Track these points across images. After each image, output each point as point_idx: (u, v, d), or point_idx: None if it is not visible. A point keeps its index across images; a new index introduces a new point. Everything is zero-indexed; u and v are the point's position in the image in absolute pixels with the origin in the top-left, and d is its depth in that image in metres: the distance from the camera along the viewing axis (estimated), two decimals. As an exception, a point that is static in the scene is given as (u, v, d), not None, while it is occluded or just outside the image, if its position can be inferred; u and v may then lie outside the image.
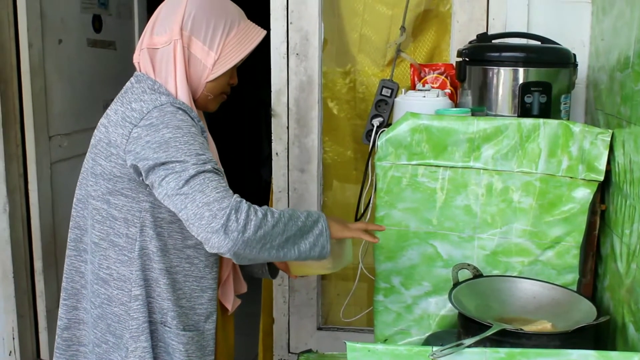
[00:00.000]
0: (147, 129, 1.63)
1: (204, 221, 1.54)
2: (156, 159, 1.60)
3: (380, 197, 2.11)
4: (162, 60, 1.74)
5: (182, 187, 1.57)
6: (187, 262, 1.76)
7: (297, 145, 2.94)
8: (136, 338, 1.74)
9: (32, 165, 3.14)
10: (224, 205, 1.55)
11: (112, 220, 1.73)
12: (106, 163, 1.70)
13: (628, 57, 1.85)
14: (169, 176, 1.59)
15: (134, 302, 1.74)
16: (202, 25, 1.73)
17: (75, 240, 1.83)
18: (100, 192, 1.73)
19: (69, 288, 1.85)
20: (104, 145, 1.71)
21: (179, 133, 1.62)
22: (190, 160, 1.59)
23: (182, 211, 1.57)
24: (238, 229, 1.54)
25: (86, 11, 3.51)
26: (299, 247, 1.66)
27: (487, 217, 2.04)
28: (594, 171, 1.95)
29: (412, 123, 2.04)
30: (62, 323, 1.87)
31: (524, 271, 2.03)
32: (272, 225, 1.61)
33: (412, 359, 1.53)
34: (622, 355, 1.52)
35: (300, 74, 2.89)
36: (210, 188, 1.57)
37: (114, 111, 1.73)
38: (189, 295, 1.78)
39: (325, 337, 3.09)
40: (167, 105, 1.65)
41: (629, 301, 1.75)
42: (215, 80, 1.77)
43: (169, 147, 1.60)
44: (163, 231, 1.73)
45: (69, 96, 3.38)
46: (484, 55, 2.19)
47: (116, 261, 1.74)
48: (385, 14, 2.92)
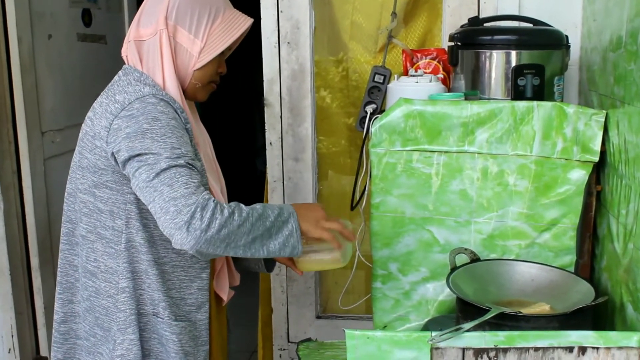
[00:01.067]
0: (126, 120, 1.63)
1: (168, 216, 1.54)
2: (132, 150, 1.61)
3: (376, 183, 2.10)
4: (149, 52, 1.74)
5: (152, 180, 1.57)
6: (174, 252, 1.76)
7: (291, 134, 2.93)
8: (124, 330, 1.74)
9: (25, 162, 3.13)
10: (191, 201, 1.55)
11: (98, 213, 1.73)
12: (91, 156, 1.70)
13: (620, 37, 1.84)
14: (141, 168, 1.59)
15: (122, 294, 1.74)
16: (187, 13, 1.72)
17: (68, 234, 1.83)
18: (87, 185, 1.73)
19: (63, 282, 1.85)
20: (89, 138, 1.71)
21: (156, 125, 1.62)
22: (164, 154, 1.59)
23: (151, 204, 1.58)
24: (201, 227, 1.54)
25: (75, 5, 3.49)
26: (267, 247, 1.66)
27: (483, 201, 2.04)
28: (588, 152, 1.95)
29: (405, 109, 2.03)
30: (59, 317, 1.87)
31: (521, 254, 2.03)
32: (238, 224, 1.60)
33: (411, 345, 1.53)
34: (621, 335, 1.52)
35: (292, 63, 2.88)
36: (180, 183, 1.56)
37: (99, 104, 1.73)
38: (178, 285, 1.78)
39: (324, 325, 3.09)
40: (149, 96, 1.66)
41: (626, 281, 1.76)
42: (203, 69, 1.77)
43: (145, 138, 1.60)
44: (149, 222, 1.73)
45: (61, 91, 3.36)
46: (476, 39, 2.18)
47: (103, 254, 1.74)
48: (375, 0, 2.91)
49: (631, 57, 1.74)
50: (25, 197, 3.15)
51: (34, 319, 3.29)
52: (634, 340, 1.51)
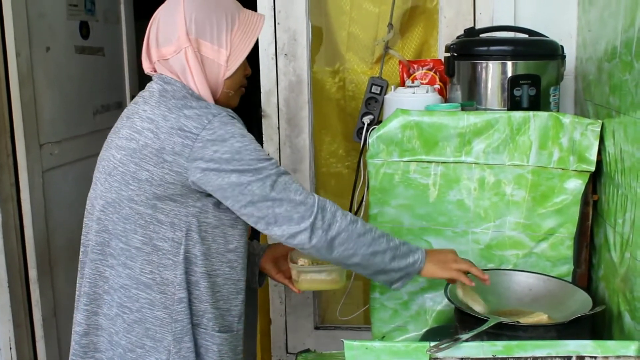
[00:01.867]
0: (212, 140, 1.65)
1: (293, 222, 1.65)
2: (232, 169, 1.64)
3: (373, 194, 2.11)
4: (176, 69, 1.74)
5: (270, 193, 1.64)
6: (228, 266, 1.79)
7: (289, 145, 2.94)
8: (180, 340, 1.75)
9: (23, 174, 3.12)
10: (309, 205, 1.66)
11: (156, 224, 1.72)
12: (156, 169, 1.67)
13: (615, 47, 1.85)
14: (252, 184, 1.64)
15: (178, 305, 1.74)
16: (206, 25, 1.73)
17: (102, 245, 1.79)
18: (145, 197, 1.70)
19: (91, 293, 1.82)
20: (152, 151, 1.67)
21: (246, 141, 1.67)
22: (268, 166, 1.66)
23: (269, 216, 1.65)
24: (323, 226, 1.65)
25: (73, 18, 3.50)
26: (384, 266, 1.74)
27: (480, 211, 2.05)
28: (585, 162, 1.96)
29: (402, 120, 2.04)
30: (81, 329, 1.84)
31: (519, 264, 2.03)
32: (360, 233, 1.70)
33: (410, 355, 1.54)
34: (619, 344, 1.53)
35: (289, 74, 2.89)
36: (293, 191, 1.67)
37: (162, 117, 1.68)
38: (226, 297, 1.81)
39: (323, 336, 3.09)
40: (222, 113, 1.69)
41: (623, 290, 1.76)
42: (233, 76, 1.78)
43: (242, 156, 1.65)
44: (207, 235, 1.74)
45: (59, 104, 3.36)
46: (472, 49, 2.19)
47: (159, 265, 1.74)
48: (372, 12, 2.93)
49: (626, 67, 1.75)
50: (24, 209, 3.15)
51: (32, 332, 3.28)
52: (632, 350, 1.52)
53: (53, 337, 3.31)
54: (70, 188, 3.42)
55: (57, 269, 3.32)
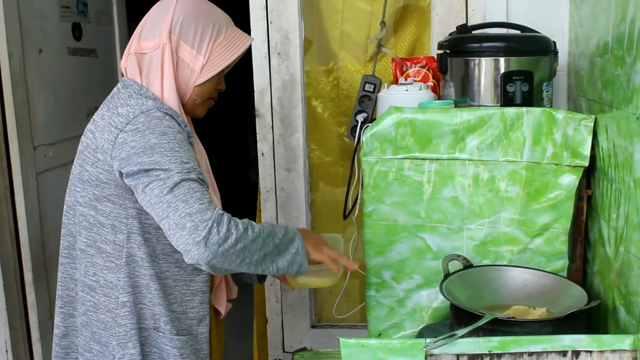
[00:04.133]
0: (132, 134, 1.62)
1: (185, 232, 1.54)
2: (140, 165, 1.60)
3: (368, 192, 2.11)
4: (150, 65, 1.74)
5: (166, 195, 1.57)
6: (176, 267, 1.76)
7: (283, 144, 2.94)
8: (124, 345, 1.74)
9: (17, 177, 3.12)
10: (207, 217, 1.55)
11: (99, 226, 1.72)
12: (93, 169, 1.69)
13: (607, 43, 1.86)
14: (152, 183, 1.58)
15: (121, 309, 1.73)
16: (191, 29, 1.73)
17: (68, 248, 1.82)
18: (88, 198, 1.72)
19: (64, 296, 1.84)
20: (90, 151, 1.70)
21: (164, 139, 1.62)
22: (175, 169, 1.59)
23: (164, 220, 1.57)
24: (218, 241, 1.55)
25: (65, 19, 3.49)
26: (276, 264, 1.69)
27: (474, 207, 2.05)
28: (578, 157, 1.96)
29: (396, 117, 2.04)
30: (60, 331, 1.86)
31: (514, 260, 2.04)
32: (252, 240, 1.62)
33: (406, 352, 1.54)
34: (614, 338, 1.53)
35: (282, 73, 2.89)
36: (194, 199, 1.57)
37: (101, 116, 1.72)
38: (180, 299, 1.78)
39: (320, 334, 3.09)
40: (154, 110, 1.65)
41: (618, 284, 1.76)
42: (203, 85, 1.77)
43: (154, 152, 1.60)
44: (151, 237, 1.73)
45: (52, 106, 3.36)
46: (464, 46, 2.19)
47: (103, 268, 1.74)
48: (364, 10, 2.93)
49: (618, 62, 1.75)
50: (18, 212, 3.15)
51: (28, 334, 3.28)
52: (627, 343, 1.52)
53: (49, 340, 3.26)
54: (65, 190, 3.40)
55: (53, 272, 3.31)
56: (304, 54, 2.94)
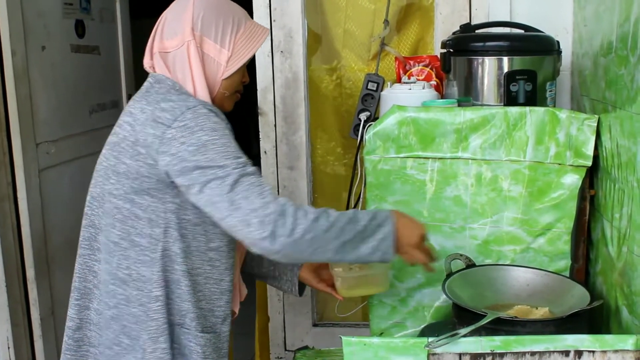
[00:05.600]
0: (181, 130, 1.63)
1: (251, 228, 1.57)
2: (195, 162, 1.61)
3: (370, 191, 2.11)
4: (176, 63, 1.75)
5: (227, 194, 1.59)
6: (209, 265, 1.77)
7: (285, 142, 2.94)
8: (155, 339, 1.73)
9: (20, 173, 3.12)
10: (270, 211, 1.57)
11: (134, 219, 1.71)
12: (132, 162, 1.68)
13: (611, 42, 1.85)
14: (211, 182, 1.60)
15: (154, 303, 1.73)
16: (212, 24, 1.75)
17: (89, 239, 1.80)
18: (123, 190, 1.71)
19: (81, 288, 1.83)
20: (129, 143, 1.69)
21: (215, 135, 1.64)
22: (231, 165, 1.61)
23: (227, 218, 1.59)
24: (285, 233, 1.57)
25: (68, 17, 3.49)
26: (358, 251, 1.67)
27: (477, 206, 2.05)
28: (581, 157, 1.96)
29: (399, 116, 2.04)
30: (74, 324, 1.84)
31: (516, 259, 2.03)
32: (325, 229, 1.62)
33: (408, 351, 1.54)
34: (617, 338, 1.53)
35: (285, 72, 2.89)
36: (255, 194, 1.59)
37: (140, 110, 1.70)
38: (208, 297, 1.79)
39: (321, 333, 3.09)
40: (199, 106, 1.66)
41: (621, 284, 1.76)
42: (230, 78, 1.79)
43: (207, 150, 1.61)
44: (187, 233, 1.73)
45: (55, 102, 3.36)
46: (468, 45, 2.19)
47: (136, 261, 1.73)
48: (368, 8, 2.93)
49: (622, 61, 1.75)
50: (20, 208, 3.15)
51: (30, 331, 3.28)
52: (630, 344, 1.52)
53: (51, 336, 3.30)
54: (67, 187, 3.42)
55: (55, 268, 3.31)
56: (313, 51, 2.94)
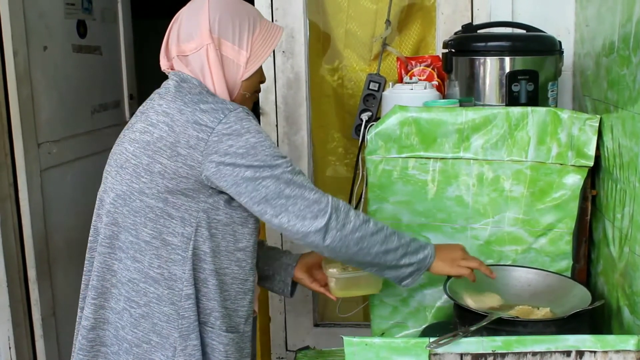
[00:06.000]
0: (228, 134, 1.65)
1: (306, 221, 1.64)
2: (247, 163, 1.64)
3: (372, 191, 2.11)
4: (195, 66, 1.75)
5: (283, 191, 1.65)
6: (236, 265, 1.78)
7: (287, 142, 2.94)
8: (186, 337, 1.74)
9: (21, 174, 3.12)
10: (323, 205, 1.65)
11: (167, 218, 1.71)
12: (169, 162, 1.67)
13: (613, 42, 1.85)
14: (266, 180, 1.64)
15: (186, 302, 1.74)
16: (229, 26, 1.75)
17: (111, 238, 1.78)
18: (156, 190, 1.70)
19: (99, 287, 1.81)
20: (166, 144, 1.67)
21: (261, 137, 1.67)
22: (282, 164, 1.66)
23: (282, 214, 1.65)
24: (337, 226, 1.65)
25: (70, 17, 3.49)
26: (397, 262, 1.75)
27: (479, 207, 2.05)
28: (583, 157, 1.96)
29: (400, 116, 2.04)
30: (89, 323, 1.83)
31: (518, 259, 2.03)
32: (372, 232, 1.70)
33: (409, 351, 1.54)
34: (618, 339, 1.53)
35: (287, 72, 2.89)
36: (308, 190, 1.67)
37: (178, 110, 1.69)
38: (233, 297, 1.80)
39: (323, 333, 3.09)
40: (238, 109, 1.69)
41: (623, 285, 1.76)
42: (250, 79, 1.80)
43: (257, 151, 1.65)
44: (217, 233, 1.74)
45: (57, 103, 3.36)
46: (469, 45, 2.19)
47: (168, 260, 1.73)
48: (369, 9, 2.93)
49: (624, 61, 1.75)
50: (22, 208, 3.15)
51: (31, 331, 3.28)
52: (631, 344, 1.52)
53: (52, 337, 3.30)
54: (69, 187, 3.42)
55: (56, 268, 3.31)
56: (315, 51, 2.94)
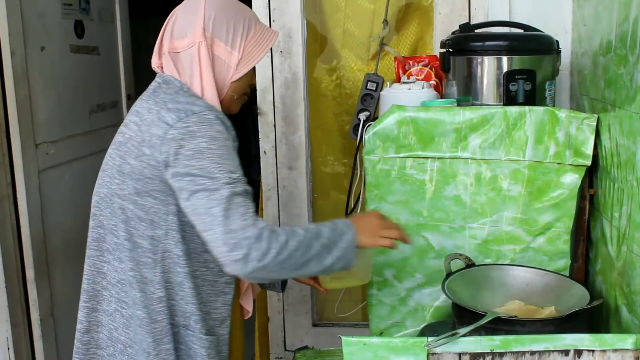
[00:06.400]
0: (183, 133, 1.62)
1: (226, 248, 1.55)
2: (188, 167, 1.60)
3: (370, 190, 2.11)
4: (186, 64, 1.74)
5: (213, 208, 1.57)
6: (204, 266, 1.77)
7: (285, 142, 2.94)
8: (159, 340, 1.73)
9: (19, 174, 3.12)
10: (248, 234, 1.56)
11: (136, 221, 1.71)
12: (136, 162, 1.68)
13: (610, 41, 1.85)
14: (199, 192, 1.59)
15: (157, 304, 1.73)
16: (223, 26, 1.74)
17: (98, 240, 1.80)
18: (127, 191, 1.70)
19: (89, 290, 1.82)
20: (134, 144, 1.68)
21: (214, 145, 1.62)
22: (223, 178, 1.59)
23: (207, 232, 1.58)
24: (257, 257, 1.56)
25: (68, 17, 3.49)
26: (322, 263, 1.67)
27: (477, 206, 2.05)
28: (581, 156, 1.96)
29: (398, 116, 2.04)
30: (82, 326, 1.84)
31: (516, 259, 2.04)
32: (294, 249, 1.61)
33: (408, 351, 1.54)
34: (616, 338, 1.53)
35: (285, 72, 2.89)
36: (238, 214, 1.57)
37: (147, 110, 1.70)
38: (205, 299, 1.79)
39: (321, 333, 3.09)
40: (205, 112, 1.65)
41: (620, 284, 1.76)
42: (239, 80, 1.79)
43: (203, 158, 1.60)
44: (187, 235, 1.72)
45: (54, 103, 3.36)
46: (467, 45, 2.19)
47: (139, 263, 1.73)
48: (367, 8, 2.93)
49: (621, 61, 1.75)
50: (20, 209, 3.14)
51: (30, 332, 3.28)
52: (629, 343, 1.52)
53: (51, 337, 3.30)
54: (67, 187, 3.41)
55: (54, 269, 3.31)
56: (313, 51, 2.94)
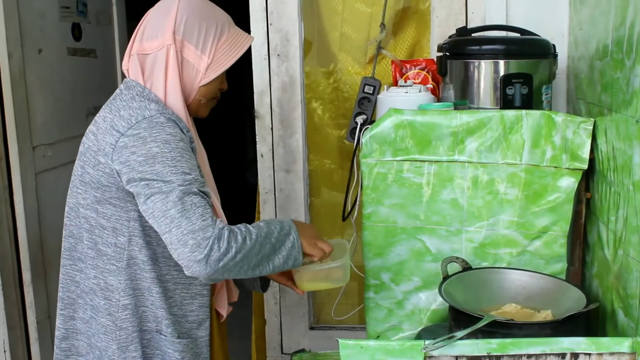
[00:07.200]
0: (134, 139, 1.61)
1: (187, 249, 1.54)
2: (141, 174, 1.59)
3: (367, 194, 2.11)
4: (153, 66, 1.73)
5: (169, 210, 1.56)
6: (175, 270, 1.76)
7: (282, 146, 2.94)
8: (124, 348, 1.73)
9: (16, 176, 3.12)
10: (208, 234, 1.55)
11: (100, 229, 1.72)
12: (94, 171, 1.68)
13: (607, 46, 1.86)
14: (154, 196, 1.58)
15: (123, 312, 1.73)
16: (195, 29, 1.72)
17: (70, 249, 1.81)
18: (89, 200, 1.71)
19: (65, 298, 1.83)
20: (92, 153, 1.69)
21: (166, 148, 1.60)
22: (177, 180, 1.58)
23: (166, 234, 1.57)
24: (219, 257, 1.56)
25: (65, 20, 3.50)
26: (273, 263, 1.68)
27: (473, 209, 2.05)
28: (577, 160, 1.97)
29: (395, 119, 2.05)
30: (60, 333, 1.85)
31: (513, 262, 2.04)
32: (250, 247, 1.62)
33: (405, 354, 1.54)
34: (612, 341, 1.54)
35: (282, 75, 2.89)
36: (197, 215, 1.56)
37: (102, 118, 1.71)
38: (179, 302, 1.78)
39: (318, 336, 3.09)
40: (156, 115, 1.64)
41: (617, 287, 1.77)
42: (208, 85, 1.77)
43: (156, 162, 1.59)
44: (152, 240, 1.72)
45: (52, 106, 3.36)
46: (464, 49, 2.19)
47: (104, 270, 1.73)
48: (364, 12, 2.93)
49: (617, 65, 1.75)
50: (17, 211, 3.15)
51: (26, 334, 3.28)
52: (626, 346, 1.52)
53: (47, 340, 3.30)
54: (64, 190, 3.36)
55: (51, 272, 3.31)
56: (304, 56, 2.94)
